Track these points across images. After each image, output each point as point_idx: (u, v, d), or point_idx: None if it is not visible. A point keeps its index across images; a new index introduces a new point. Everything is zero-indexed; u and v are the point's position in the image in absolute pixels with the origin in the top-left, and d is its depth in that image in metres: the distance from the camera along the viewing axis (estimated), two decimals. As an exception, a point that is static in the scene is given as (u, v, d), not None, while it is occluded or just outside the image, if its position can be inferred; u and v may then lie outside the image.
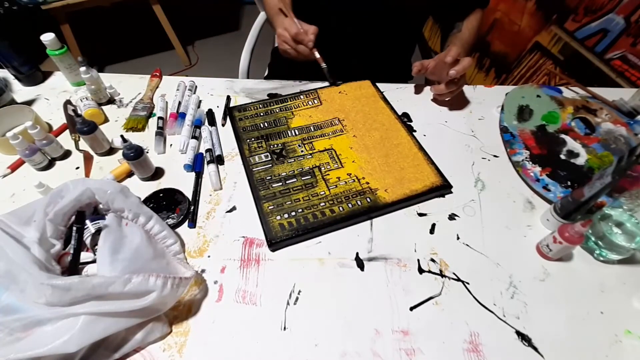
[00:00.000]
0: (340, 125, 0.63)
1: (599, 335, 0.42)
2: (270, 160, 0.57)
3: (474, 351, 0.40)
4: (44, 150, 0.56)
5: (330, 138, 0.60)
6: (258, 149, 0.58)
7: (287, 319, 0.42)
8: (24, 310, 0.34)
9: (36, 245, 0.38)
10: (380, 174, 0.55)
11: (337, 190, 0.53)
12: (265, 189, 0.52)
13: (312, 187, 0.53)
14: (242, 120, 0.63)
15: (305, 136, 0.60)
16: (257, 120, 0.63)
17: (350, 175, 0.55)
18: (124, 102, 0.68)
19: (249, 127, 0.61)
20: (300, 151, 0.58)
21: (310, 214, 0.50)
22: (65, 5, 1.47)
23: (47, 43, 0.64)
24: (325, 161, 0.57)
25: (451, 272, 0.47)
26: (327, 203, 0.51)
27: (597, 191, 0.44)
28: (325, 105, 0.66)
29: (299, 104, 0.66)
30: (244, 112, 0.64)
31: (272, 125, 0.62)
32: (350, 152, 0.58)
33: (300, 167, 0.56)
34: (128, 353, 0.38)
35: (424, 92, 0.72)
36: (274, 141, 0.59)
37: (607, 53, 1.18)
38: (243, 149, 0.58)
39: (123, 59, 2.00)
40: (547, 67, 1.40)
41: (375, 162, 0.57)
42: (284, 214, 0.50)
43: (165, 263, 0.42)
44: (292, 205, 0.51)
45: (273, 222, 0.49)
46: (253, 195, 0.52)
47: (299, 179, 0.54)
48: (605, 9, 1.15)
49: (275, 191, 0.52)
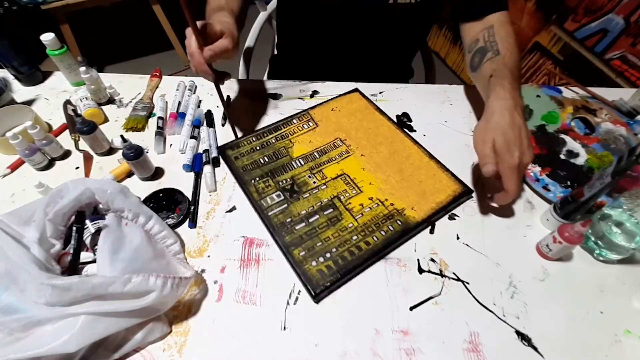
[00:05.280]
0: (345, 145, 0.59)
1: (598, 335, 0.42)
2: (283, 199, 0.51)
3: (474, 351, 0.40)
4: (44, 150, 0.56)
5: (339, 162, 0.56)
6: (267, 189, 0.52)
7: (287, 319, 0.42)
8: (24, 310, 0.34)
9: (36, 245, 0.38)
10: (401, 192, 0.52)
11: (365, 219, 0.49)
12: (290, 234, 0.47)
13: (338, 220, 0.49)
14: (239, 159, 0.56)
15: (312, 164, 0.56)
16: (255, 156, 0.57)
17: (372, 199, 0.51)
18: (124, 102, 0.68)
19: (248, 166, 0.55)
20: (313, 182, 0.53)
21: (346, 251, 0.46)
22: (65, 5, 1.47)
23: (47, 43, 0.64)
24: (342, 189, 0.53)
25: (451, 272, 0.47)
26: (359, 235, 0.47)
27: (597, 191, 0.44)
28: (322, 127, 0.62)
29: (294, 129, 0.61)
30: (237, 149, 0.57)
31: (274, 159, 0.56)
32: (364, 174, 0.55)
33: (319, 201, 0.51)
34: (128, 353, 0.38)
35: (424, 92, 0.72)
36: (281, 176, 0.54)
37: (606, 53, 1.18)
38: (250, 192, 0.52)
39: (123, 59, 2.00)
40: (547, 67, 1.40)
41: (392, 179, 0.54)
42: (318, 258, 0.45)
43: (165, 263, 0.42)
44: (324, 246, 0.46)
45: (310, 269, 0.44)
46: (277, 243, 0.47)
47: (321, 214, 0.50)
48: (605, 9, 1.15)
49: (300, 234, 0.47)
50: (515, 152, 0.45)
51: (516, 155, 0.45)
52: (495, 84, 0.51)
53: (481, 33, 0.59)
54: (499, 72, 0.53)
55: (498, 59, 0.55)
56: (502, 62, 0.54)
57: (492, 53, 0.56)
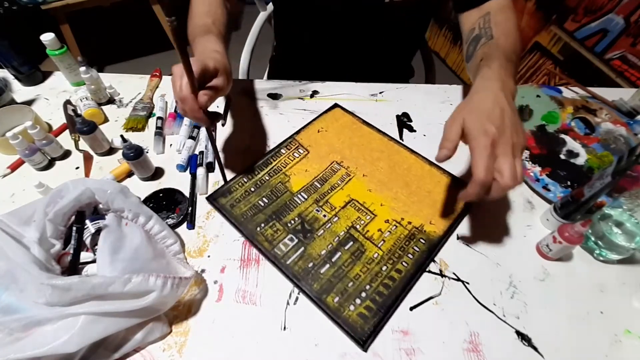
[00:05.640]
0: (343, 168, 0.56)
1: (598, 335, 0.42)
2: (298, 242, 0.47)
3: (474, 351, 0.40)
4: (44, 150, 0.56)
5: (343, 187, 0.53)
6: (276, 234, 0.48)
7: (287, 319, 0.42)
8: (24, 310, 0.34)
9: (36, 245, 0.38)
10: (414, 207, 0.51)
11: (388, 245, 0.47)
12: (317, 280, 0.44)
13: (362, 253, 0.46)
14: (235, 207, 0.50)
15: (317, 196, 0.52)
16: (252, 200, 0.51)
17: (389, 222, 0.49)
18: (124, 102, 0.68)
19: (248, 212, 0.50)
20: (323, 216, 0.50)
21: (381, 285, 0.43)
22: (65, 5, 1.47)
23: (47, 43, 0.64)
24: (355, 217, 0.50)
25: (451, 272, 0.47)
26: (387, 265, 0.45)
27: (597, 191, 0.44)
28: (314, 152, 0.58)
29: (285, 161, 0.56)
30: (230, 195, 0.52)
31: (274, 198, 0.52)
32: (372, 195, 0.52)
33: (335, 236, 0.48)
34: (128, 353, 0.38)
35: (424, 92, 0.72)
36: (288, 217, 0.50)
37: (606, 53, 1.18)
38: (259, 242, 0.47)
39: (123, 59, 2.00)
40: (547, 67, 1.40)
41: (401, 195, 0.52)
42: (355, 300, 0.42)
43: (165, 263, 0.42)
44: (356, 285, 0.43)
45: (351, 316, 0.41)
46: (305, 294, 0.43)
47: (343, 250, 0.46)
48: (605, 9, 1.15)
49: (328, 277, 0.44)
50: (490, 129, 0.37)
51: (491, 132, 0.37)
52: (482, 65, 0.46)
53: (477, 21, 0.55)
54: (489, 55, 0.47)
55: (491, 42, 0.50)
56: (495, 44, 0.50)
57: (486, 38, 0.51)
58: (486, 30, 0.52)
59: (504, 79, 0.43)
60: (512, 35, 0.51)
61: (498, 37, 0.50)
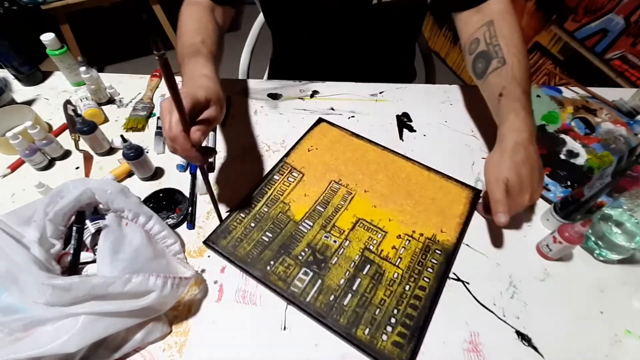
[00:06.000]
0: (343, 187, 0.53)
1: (598, 335, 0.42)
2: (313, 275, 0.44)
3: (474, 351, 0.40)
4: (44, 150, 0.56)
5: (347, 207, 0.51)
6: (288, 270, 0.45)
7: (287, 319, 0.42)
8: (24, 310, 0.34)
9: (36, 245, 0.38)
10: (422, 217, 0.50)
11: (406, 262, 0.46)
12: (342, 314, 0.41)
13: (381, 275, 0.44)
14: (239, 247, 0.46)
15: (322, 221, 0.49)
16: (254, 236, 0.47)
17: (401, 237, 0.48)
18: (124, 102, 0.68)
19: (253, 252, 0.46)
20: (334, 242, 0.47)
21: (409, 307, 0.42)
22: (65, 5, 1.47)
23: (47, 43, 0.64)
24: (366, 238, 0.48)
25: (451, 272, 0.47)
26: (410, 283, 0.44)
27: (597, 191, 0.44)
28: (309, 174, 0.55)
29: (280, 187, 0.53)
30: (230, 235, 0.47)
31: (277, 231, 0.48)
32: (378, 212, 0.51)
33: (351, 261, 0.46)
34: (128, 353, 0.38)
35: (424, 92, 0.72)
36: (297, 249, 0.47)
37: (607, 53, 1.18)
38: (272, 282, 0.44)
39: (123, 59, 2.00)
40: (547, 67, 1.40)
41: (407, 207, 0.51)
42: (386, 329, 0.40)
43: (165, 263, 0.42)
44: (383, 312, 0.42)
45: (385, 346, 0.39)
46: (334, 331, 0.41)
47: (362, 275, 0.45)
48: (605, 9, 1.15)
49: (352, 308, 0.42)
50: (526, 194, 0.44)
51: (526, 197, 0.44)
52: (508, 109, 0.47)
53: (480, 31, 0.53)
54: (510, 92, 0.48)
55: (506, 70, 0.50)
56: (511, 75, 0.49)
57: (498, 62, 0.50)
58: (495, 48, 0.51)
59: (531, 127, 0.46)
60: (522, 55, 0.50)
61: (512, 64, 0.49)
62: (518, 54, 0.50)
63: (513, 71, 0.49)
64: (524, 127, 0.45)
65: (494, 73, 0.51)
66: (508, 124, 0.46)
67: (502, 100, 0.49)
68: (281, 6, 0.68)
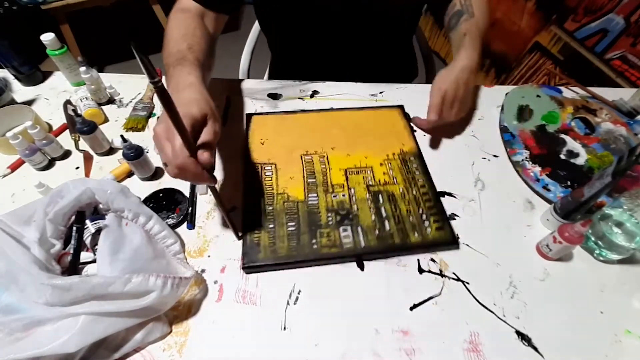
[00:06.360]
0: (314, 155, 0.58)
1: (598, 335, 0.42)
2: (351, 227, 0.49)
3: (474, 351, 0.40)
4: (44, 150, 0.56)
5: (331, 167, 0.56)
6: (331, 237, 0.48)
7: (287, 319, 0.42)
8: (24, 310, 0.34)
9: (36, 245, 0.38)
10: (385, 143, 0.60)
11: (400, 178, 0.55)
12: (391, 237, 0.48)
13: (393, 195, 0.53)
14: (277, 249, 0.46)
15: (323, 188, 0.53)
16: (282, 232, 0.48)
17: (382, 164, 0.57)
18: (124, 102, 0.68)
19: (292, 243, 0.47)
20: (343, 196, 0.52)
21: (425, 202, 0.53)
22: (65, 5, 1.48)
23: (47, 43, 0.64)
24: (361, 179, 0.55)
25: (451, 272, 0.47)
26: (413, 189, 0.54)
27: (597, 191, 0.44)
28: (279, 161, 0.57)
29: (267, 184, 0.54)
30: (261, 245, 0.47)
31: (296, 216, 0.50)
32: (353, 157, 0.58)
33: (366, 200, 0.52)
34: (128, 353, 0.38)
35: (424, 92, 0.72)
36: (322, 219, 0.50)
37: (607, 53, 1.18)
38: (328, 253, 0.46)
39: (123, 59, 2.00)
40: (547, 67, 1.40)
41: (369, 141, 0.60)
42: (424, 224, 0.49)
43: (165, 263, 0.42)
44: (414, 216, 0.50)
45: (433, 236, 0.48)
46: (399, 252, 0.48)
47: (380, 204, 0.52)
48: (605, 9, 1.15)
49: (394, 229, 0.49)
50: (454, 109, 0.59)
51: (453, 112, 0.59)
52: (468, 44, 0.60)
53: (458, 2, 0.66)
54: (472, 34, 0.62)
55: (472, 21, 0.64)
56: (476, 25, 0.63)
57: (468, 15, 0.64)
58: (467, 7, 0.65)
59: (477, 62, 0.60)
60: (487, 16, 0.66)
61: (478, 18, 0.64)
62: (484, 14, 0.65)
63: (478, 23, 0.64)
64: (475, 58, 0.59)
65: (464, 22, 0.64)
66: (466, 52, 0.59)
67: (465, 38, 0.62)
68: (280, 8, 0.68)
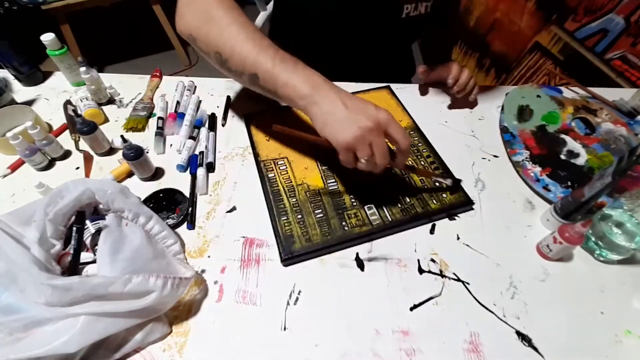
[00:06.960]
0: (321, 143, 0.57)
1: (599, 335, 0.42)
2: (375, 205, 0.51)
3: (474, 351, 0.40)
4: (44, 150, 0.56)
5: None
6: (359, 216, 0.50)
7: (287, 319, 0.42)
8: (24, 311, 0.34)
9: (36, 245, 0.38)
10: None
11: None
12: (413, 208, 0.51)
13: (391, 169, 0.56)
14: (312, 236, 0.48)
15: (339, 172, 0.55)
16: (311, 221, 0.49)
17: None
18: (124, 102, 0.68)
19: (324, 228, 0.48)
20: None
21: (435, 171, 0.56)
22: (65, 5, 1.48)
23: (47, 43, 0.64)
24: None
25: (451, 272, 0.47)
26: (420, 159, 0.57)
27: (597, 191, 0.44)
28: (290, 154, 0.58)
29: (284, 178, 0.55)
30: (295, 236, 0.48)
31: (320, 203, 0.51)
32: None
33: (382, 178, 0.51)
34: (128, 353, 0.38)
35: (423, 92, 0.72)
36: (347, 201, 0.52)
37: (607, 53, 1.18)
38: (359, 232, 0.48)
39: (123, 59, 2.00)
40: (547, 67, 1.40)
41: None
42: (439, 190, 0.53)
43: (165, 263, 0.42)
44: (428, 185, 0.54)
45: (450, 200, 0.52)
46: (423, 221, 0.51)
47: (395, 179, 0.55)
48: (605, 9, 1.15)
49: (414, 200, 0.52)
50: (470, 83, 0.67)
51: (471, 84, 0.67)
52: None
53: None
54: None
55: None
56: None
57: None
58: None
59: None
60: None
61: None
62: None
63: None
64: None
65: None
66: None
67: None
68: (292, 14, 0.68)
